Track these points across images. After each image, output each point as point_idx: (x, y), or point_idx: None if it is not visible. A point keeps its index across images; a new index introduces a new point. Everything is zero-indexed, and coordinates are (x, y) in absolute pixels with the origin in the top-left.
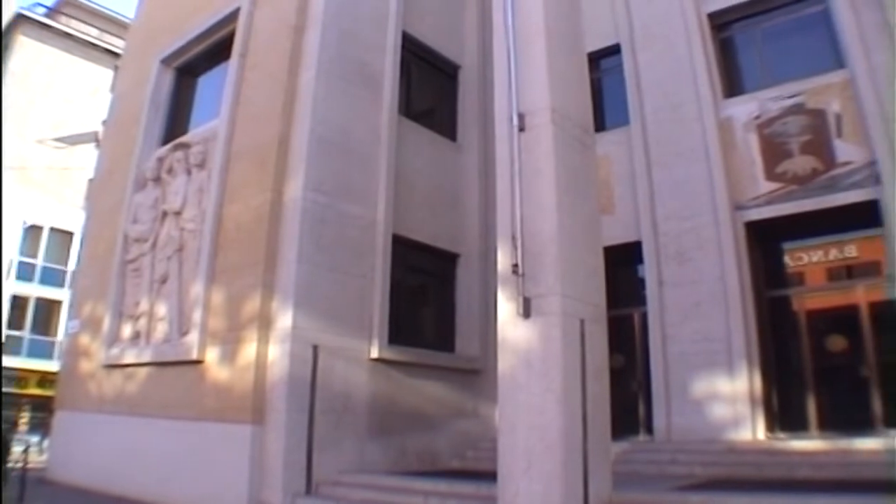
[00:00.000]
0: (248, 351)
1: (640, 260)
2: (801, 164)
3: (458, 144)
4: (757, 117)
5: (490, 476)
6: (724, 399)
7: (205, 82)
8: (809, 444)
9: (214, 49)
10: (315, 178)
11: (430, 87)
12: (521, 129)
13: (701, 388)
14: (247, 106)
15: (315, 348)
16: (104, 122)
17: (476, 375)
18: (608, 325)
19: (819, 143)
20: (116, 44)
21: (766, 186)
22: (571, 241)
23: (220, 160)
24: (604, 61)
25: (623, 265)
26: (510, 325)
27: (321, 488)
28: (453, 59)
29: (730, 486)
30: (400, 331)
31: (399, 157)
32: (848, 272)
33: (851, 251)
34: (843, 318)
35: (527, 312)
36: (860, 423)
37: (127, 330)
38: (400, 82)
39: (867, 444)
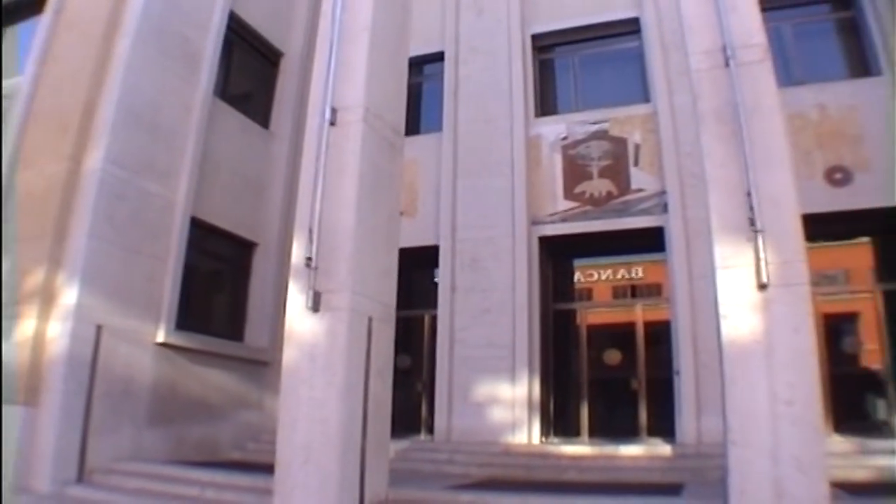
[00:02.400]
0: (26, 327)
1: (436, 264)
2: (598, 186)
3: (270, 133)
4: (564, 138)
5: (269, 468)
6: (504, 404)
7: (12, 35)
8: (579, 448)
9: (27, 0)
10: (117, 151)
11: (250, 72)
12: (333, 123)
13: (483, 392)
14: (55, 66)
15: (98, 329)
16: None
17: (264, 367)
18: (398, 325)
19: (617, 169)
20: None
21: (564, 204)
22: (368, 240)
23: (18, 121)
24: (427, 67)
25: (419, 268)
26: (298, 317)
27: (94, 476)
28: (278, 46)
29: (500, 486)
30: (190, 316)
31: (208, 140)
32: (632, 291)
33: (638, 272)
34: (621, 334)
35: (316, 306)
36: (626, 431)
37: None
38: (220, 63)
39: (630, 450)
